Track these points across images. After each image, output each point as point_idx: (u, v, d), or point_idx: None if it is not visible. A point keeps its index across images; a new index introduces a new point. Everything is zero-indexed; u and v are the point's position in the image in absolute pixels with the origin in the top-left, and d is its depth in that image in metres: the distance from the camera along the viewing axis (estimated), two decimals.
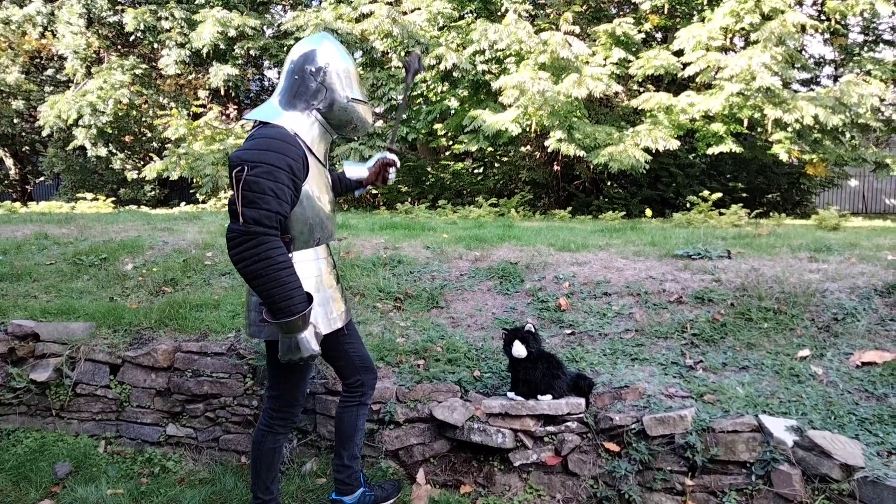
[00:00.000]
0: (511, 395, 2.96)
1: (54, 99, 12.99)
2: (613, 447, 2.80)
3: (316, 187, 2.32)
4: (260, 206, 2.09)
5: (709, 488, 2.64)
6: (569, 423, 2.89)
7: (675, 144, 9.12)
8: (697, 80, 9.61)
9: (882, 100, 9.56)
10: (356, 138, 2.48)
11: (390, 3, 11.20)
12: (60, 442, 3.45)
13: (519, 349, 2.83)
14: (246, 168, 2.09)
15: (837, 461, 2.40)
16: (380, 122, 11.97)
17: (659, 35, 11.74)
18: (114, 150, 14.00)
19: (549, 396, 2.88)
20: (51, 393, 3.55)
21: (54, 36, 14.17)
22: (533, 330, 2.89)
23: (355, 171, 2.86)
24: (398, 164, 2.87)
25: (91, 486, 3.05)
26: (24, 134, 15.67)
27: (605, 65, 9.69)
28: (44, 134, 13.52)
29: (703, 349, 3.28)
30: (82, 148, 13.51)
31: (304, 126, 2.31)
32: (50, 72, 15.68)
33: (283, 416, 2.55)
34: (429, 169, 12.65)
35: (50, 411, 3.58)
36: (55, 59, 15.22)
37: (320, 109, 2.33)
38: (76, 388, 3.55)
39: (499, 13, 10.91)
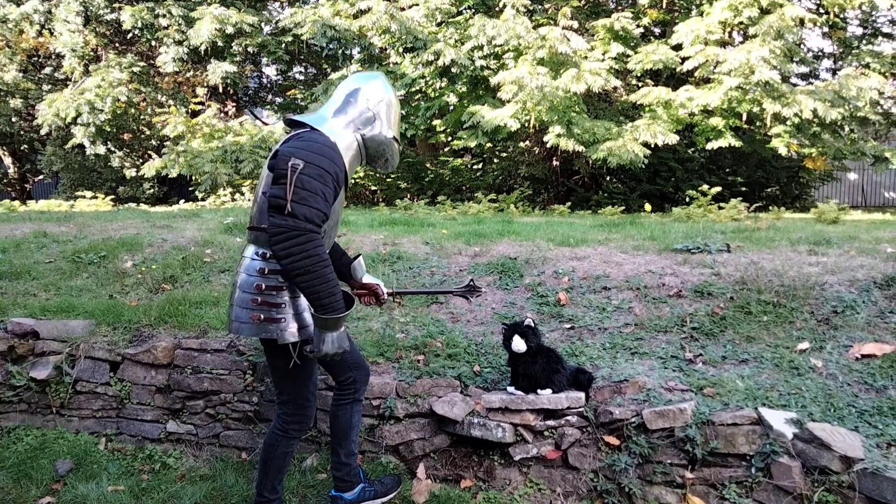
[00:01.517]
0: (511, 389, 2.96)
1: (52, 97, 12.95)
2: (613, 441, 2.81)
3: (338, 202, 2.36)
4: (311, 205, 2.13)
5: (709, 481, 2.65)
6: (569, 418, 2.90)
7: (673, 139, 9.10)
8: (696, 74, 9.59)
9: (881, 93, 9.53)
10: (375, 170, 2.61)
11: None
12: (61, 439, 3.45)
13: (518, 344, 2.83)
14: (300, 165, 2.14)
15: (837, 453, 2.40)
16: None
17: (657, 29, 11.71)
18: (112, 148, 13.97)
19: (548, 391, 2.88)
20: (51, 391, 3.55)
21: (52, 34, 14.13)
22: (532, 325, 2.89)
23: (358, 269, 2.85)
24: (382, 301, 2.91)
25: (92, 483, 3.06)
26: (22, 132, 15.63)
27: (603, 60, 9.67)
28: (42, 132, 13.49)
29: (703, 343, 3.28)
30: (81, 146, 13.48)
31: (346, 144, 2.39)
32: (48, 70, 15.64)
33: (298, 420, 2.56)
34: (428, 165, 12.64)
35: (50, 409, 3.59)
36: (53, 57, 15.17)
37: (364, 135, 2.45)
38: (76, 386, 3.55)
39: (497, 8, 10.88)
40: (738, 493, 2.58)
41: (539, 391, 2.89)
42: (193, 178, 11.74)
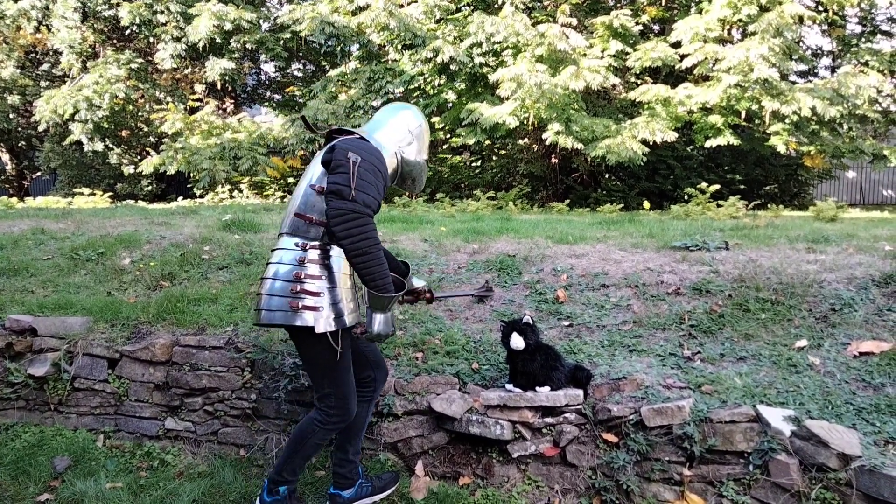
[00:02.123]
0: (509, 386, 2.96)
1: (50, 94, 12.93)
2: (611, 438, 2.81)
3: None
4: (368, 192, 2.30)
5: (706, 478, 2.65)
6: (567, 415, 2.90)
7: (672, 137, 9.10)
8: (695, 72, 9.59)
9: (879, 91, 9.54)
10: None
11: None
12: (59, 436, 3.45)
13: (517, 341, 2.83)
14: (360, 160, 2.31)
15: (834, 450, 2.40)
16: None
17: (656, 27, 11.71)
18: (110, 145, 13.95)
19: (547, 388, 2.88)
20: (49, 387, 3.55)
21: (49, 30, 14.09)
22: (531, 322, 2.89)
23: (413, 277, 3.06)
24: (430, 300, 3.17)
25: (90, 480, 3.06)
26: (20, 129, 15.60)
27: (602, 57, 9.66)
28: (40, 129, 13.47)
29: (701, 340, 3.29)
30: (79, 143, 13.46)
31: (389, 157, 2.57)
32: (45, 66, 15.60)
33: (341, 412, 2.57)
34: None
35: (48, 406, 3.58)
36: (50, 53, 15.13)
37: (403, 154, 2.65)
38: (74, 383, 3.55)
39: (496, 5, 10.87)
40: (736, 490, 2.58)
41: (537, 388, 2.89)
42: (192, 175, 11.73)
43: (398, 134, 2.64)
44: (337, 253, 2.45)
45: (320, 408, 2.57)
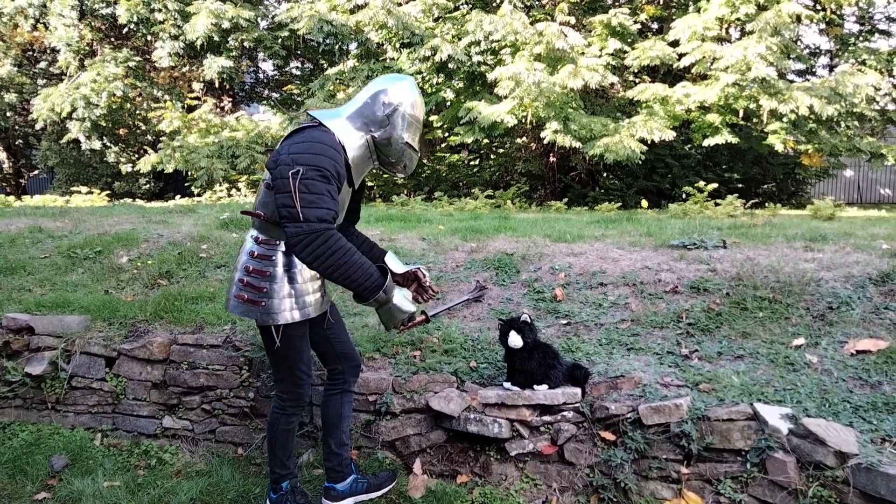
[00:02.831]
0: (507, 385, 2.96)
1: (47, 92, 12.90)
2: (609, 436, 2.81)
3: (340, 198, 2.36)
4: (320, 206, 2.18)
5: (704, 476, 2.66)
6: (565, 413, 2.90)
7: (670, 135, 9.11)
8: (693, 70, 9.60)
9: (877, 90, 9.56)
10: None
11: None
12: (56, 435, 3.44)
13: (515, 339, 2.84)
14: (301, 170, 2.17)
15: (832, 448, 2.41)
16: None
17: (655, 26, 11.71)
18: (108, 143, 13.92)
19: (545, 386, 2.88)
20: (46, 386, 3.54)
21: (46, 28, 14.06)
22: (528, 320, 2.89)
23: (392, 263, 2.80)
24: (426, 285, 2.82)
25: (87, 479, 3.05)
26: (17, 127, 15.57)
27: (600, 56, 9.66)
28: (37, 127, 13.45)
29: (699, 338, 3.29)
30: (76, 141, 13.43)
31: (353, 141, 2.41)
32: (43, 64, 15.56)
33: (293, 397, 2.61)
34: (425, 161, 12.63)
35: (45, 404, 3.58)
36: (48, 51, 15.09)
37: (375, 137, 2.44)
38: (72, 382, 3.54)
39: (494, 4, 10.87)
40: (734, 488, 2.58)
41: (535, 387, 2.89)
42: (189, 173, 11.71)
43: (371, 113, 2.43)
44: (285, 248, 2.43)
45: (276, 394, 2.64)
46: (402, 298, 2.44)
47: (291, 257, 2.43)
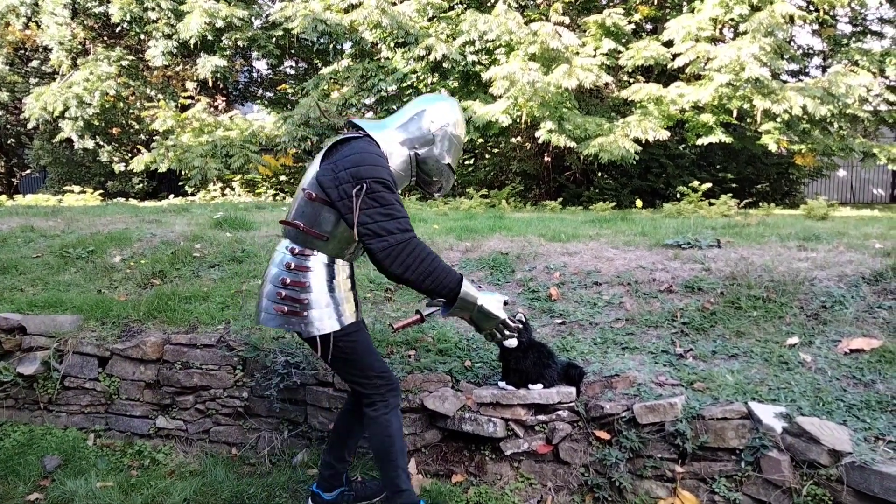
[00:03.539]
0: (502, 384, 2.96)
1: (40, 91, 12.83)
2: (604, 435, 2.81)
3: None
4: (397, 215, 2.22)
5: (699, 475, 2.66)
6: (559, 412, 2.90)
7: (664, 135, 9.13)
8: (687, 70, 9.62)
9: (869, 90, 9.59)
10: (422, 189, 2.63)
11: None
12: (49, 435, 3.42)
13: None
14: (365, 185, 2.18)
15: (825, 447, 2.41)
16: (370, 114, 11.91)
17: (649, 26, 11.73)
18: (101, 143, 13.86)
19: (539, 385, 2.88)
20: (38, 386, 3.52)
21: (38, 27, 13.98)
22: (523, 319, 2.88)
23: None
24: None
25: (80, 480, 3.03)
26: (9, 126, 15.49)
27: (595, 55, 9.67)
28: (29, 126, 13.38)
29: (693, 337, 3.30)
30: (69, 140, 13.37)
31: (397, 155, 2.42)
32: (35, 63, 15.48)
33: (388, 387, 2.51)
34: None
35: (38, 405, 3.55)
36: (40, 50, 15.02)
37: (419, 154, 2.46)
38: (64, 382, 3.52)
39: (488, 3, 10.87)
40: (728, 486, 2.59)
41: (530, 386, 2.89)
42: (183, 172, 11.67)
43: (416, 130, 2.45)
44: (326, 260, 2.40)
45: (370, 398, 2.49)
46: (488, 299, 2.43)
47: (329, 266, 2.40)
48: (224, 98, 15.20)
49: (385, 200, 2.21)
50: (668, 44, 9.70)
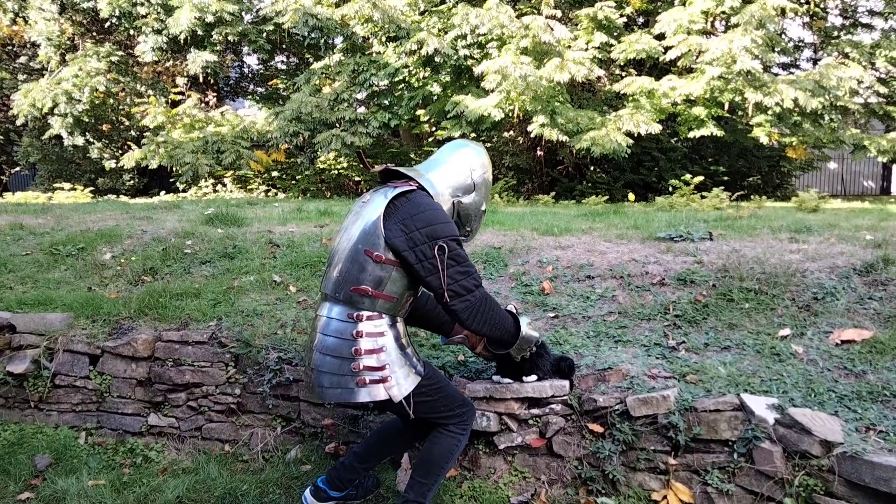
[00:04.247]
0: (496, 378, 2.95)
1: (28, 87, 12.70)
2: (597, 428, 2.81)
3: None
4: (472, 272, 2.29)
5: (692, 467, 2.67)
6: (553, 406, 2.90)
7: (657, 128, 9.13)
8: (679, 63, 9.62)
9: (860, 82, 9.63)
10: None
11: None
12: (40, 434, 3.40)
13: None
14: (444, 246, 2.22)
15: (817, 438, 2.42)
16: (361, 109, 11.87)
17: (641, 19, 11.72)
18: (91, 139, 13.74)
19: (534, 377, 2.88)
20: (29, 385, 3.50)
21: (26, 22, 13.84)
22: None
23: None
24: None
25: (72, 478, 3.02)
26: None
27: (587, 49, 9.66)
28: (18, 123, 13.24)
29: (686, 330, 3.30)
30: (58, 137, 13.25)
31: (443, 204, 2.44)
32: (23, 59, 15.34)
33: (469, 415, 2.57)
34: (412, 155, 12.59)
35: (28, 403, 3.53)
36: (28, 46, 14.88)
37: (462, 202, 2.49)
38: (55, 380, 3.50)
39: None
40: (721, 478, 2.60)
41: (524, 378, 2.89)
42: (174, 169, 11.60)
43: (458, 179, 2.47)
44: (390, 321, 2.35)
45: (452, 429, 2.51)
46: (527, 328, 2.56)
47: (394, 326, 2.36)
48: (215, 94, 15.10)
49: (461, 258, 2.25)
50: (660, 37, 9.70)
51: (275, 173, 13.08)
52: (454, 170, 2.48)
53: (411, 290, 2.37)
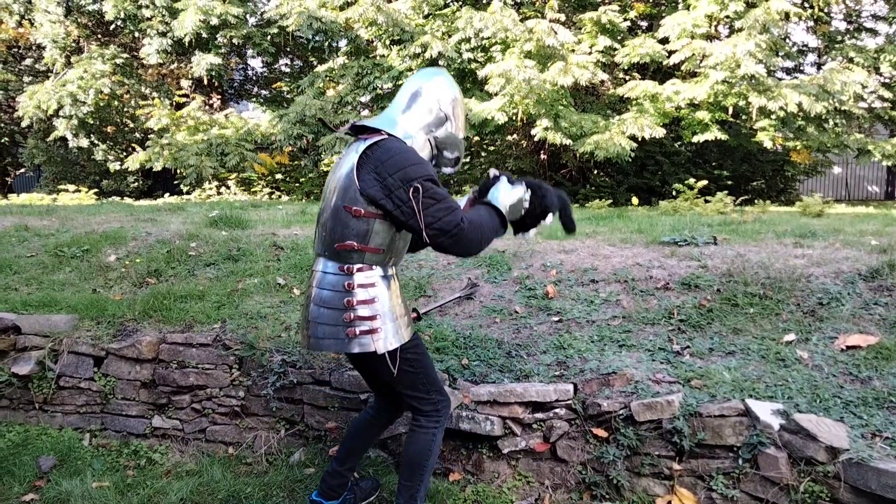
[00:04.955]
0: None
1: (34, 89, 12.75)
2: (602, 433, 2.81)
3: None
4: (451, 207, 2.21)
5: (696, 472, 2.66)
6: (557, 410, 2.89)
7: (660, 132, 9.13)
8: (683, 68, 9.61)
9: (864, 87, 9.61)
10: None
11: None
12: (44, 435, 3.41)
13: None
14: (419, 187, 2.17)
15: (823, 444, 2.42)
16: (365, 112, 11.89)
17: (644, 23, 11.72)
18: (95, 141, 13.78)
19: (550, 216, 2.52)
20: (33, 386, 3.50)
21: (32, 24, 13.89)
22: (498, 174, 2.55)
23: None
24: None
25: (76, 480, 3.02)
26: (2, 125, 15.39)
27: (590, 53, 9.66)
28: (23, 125, 13.28)
29: (690, 335, 3.30)
30: (63, 139, 13.29)
31: (419, 145, 2.37)
32: (28, 61, 15.39)
33: (445, 404, 2.52)
34: None
35: (33, 405, 3.54)
36: (33, 48, 14.93)
37: (437, 136, 2.41)
38: (59, 381, 3.51)
39: (484, 1, 10.83)
40: (726, 484, 2.59)
41: (542, 222, 2.54)
42: (178, 171, 11.63)
43: (427, 116, 2.37)
44: (386, 272, 2.36)
45: (427, 412, 2.48)
46: (508, 201, 2.39)
47: (387, 279, 2.36)
48: (219, 96, 15.14)
49: (439, 195, 2.19)
50: (664, 41, 9.69)
51: (278, 176, 13.10)
52: (421, 108, 2.38)
53: (398, 240, 2.35)
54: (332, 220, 2.32)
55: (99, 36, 14.58)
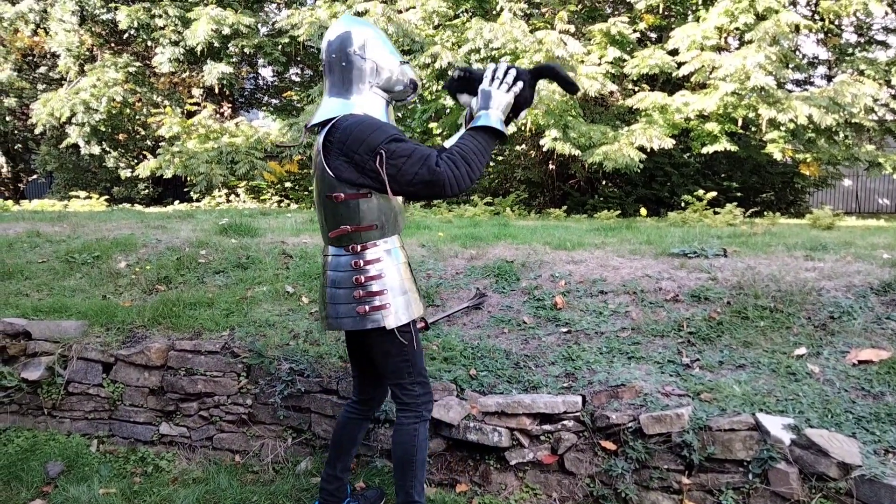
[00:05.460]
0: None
1: (47, 97, 12.89)
2: (610, 446, 2.79)
3: None
4: (425, 154, 2.17)
5: (706, 487, 2.64)
6: (565, 422, 2.88)
7: (669, 143, 9.12)
8: (692, 79, 9.61)
9: (875, 100, 9.57)
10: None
11: (385, 2, 11.15)
12: (52, 441, 3.42)
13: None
14: (382, 151, 2.16)
15: (835, 459, 2.39)
16: None
17: (654, 34, 11.74)
18: (107, 149, 13.91)
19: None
20: (42, 392, 3.52)
21: (47, 33, 14.07)
22: (465, 68, 2.54)
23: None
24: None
25: (83, 486, 3.02)
26: (16, 132, 15.56)
27: (600, 64, 9.68)
28: (36, 132, 13.42)
29: (700, 347, 3.28)
30: (75, 146, 13.42)
31: (375, 107, 2.34)
32: (42, 69, 15.57)
33: (428, 396, 2.53)
34: None
35: (42, 410, 3.55)
36: (48, 56, 15.11)
37: (380, 84, 2.36)
38: (68, 387, 3.52)
39: (494, 12, 10.88)
40: (735, 499, 2.56)
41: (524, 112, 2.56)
42: (188, 178, 11.70)
43: (356, 76, 2.31)
44: (390, 246, 2.39)
45: (407, 404, 2.48)
46: (497, 103, 2.32)
47: (390, 252, 2.38)
48: (230, 105, 15.25)
49: (407, 150, 2.17)
50: (673, 52, 9.70)
51: (288, 184, 13.16)
52: (345, 72, 2.31)
53: (389, 210, 2.35)
54: (322, 211, 2.39)
55: (112, 45, 14.74)
